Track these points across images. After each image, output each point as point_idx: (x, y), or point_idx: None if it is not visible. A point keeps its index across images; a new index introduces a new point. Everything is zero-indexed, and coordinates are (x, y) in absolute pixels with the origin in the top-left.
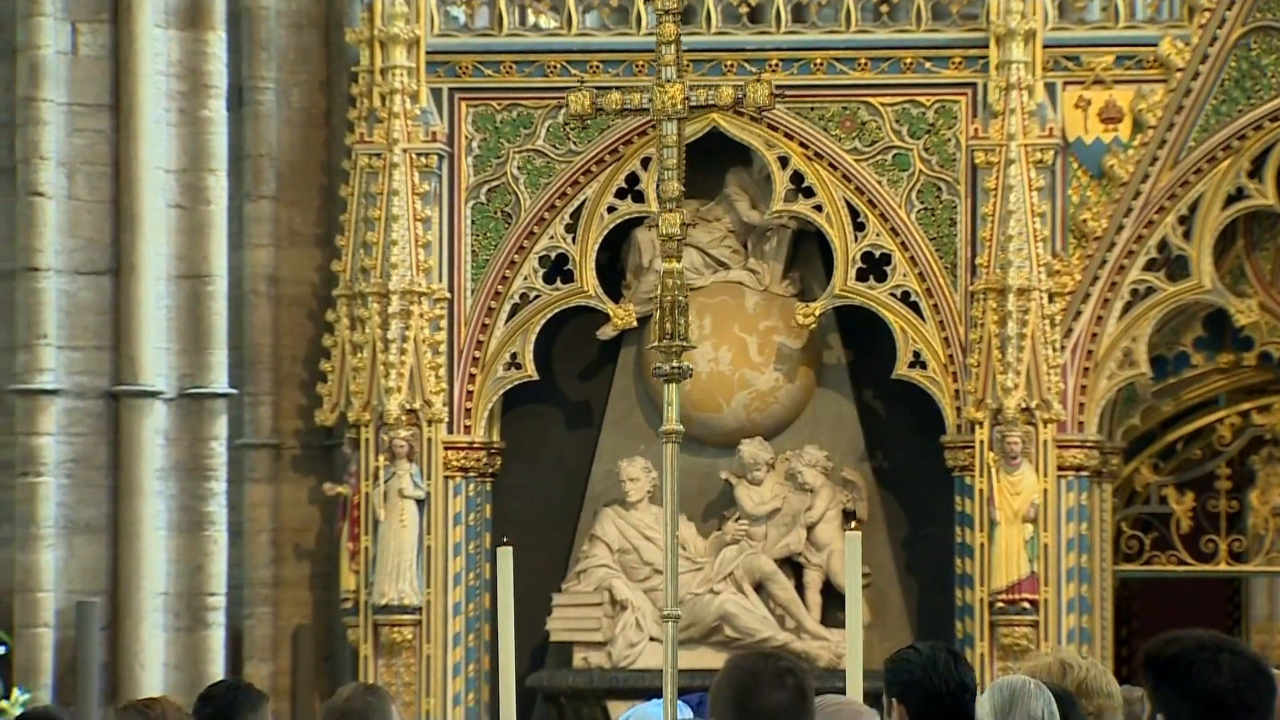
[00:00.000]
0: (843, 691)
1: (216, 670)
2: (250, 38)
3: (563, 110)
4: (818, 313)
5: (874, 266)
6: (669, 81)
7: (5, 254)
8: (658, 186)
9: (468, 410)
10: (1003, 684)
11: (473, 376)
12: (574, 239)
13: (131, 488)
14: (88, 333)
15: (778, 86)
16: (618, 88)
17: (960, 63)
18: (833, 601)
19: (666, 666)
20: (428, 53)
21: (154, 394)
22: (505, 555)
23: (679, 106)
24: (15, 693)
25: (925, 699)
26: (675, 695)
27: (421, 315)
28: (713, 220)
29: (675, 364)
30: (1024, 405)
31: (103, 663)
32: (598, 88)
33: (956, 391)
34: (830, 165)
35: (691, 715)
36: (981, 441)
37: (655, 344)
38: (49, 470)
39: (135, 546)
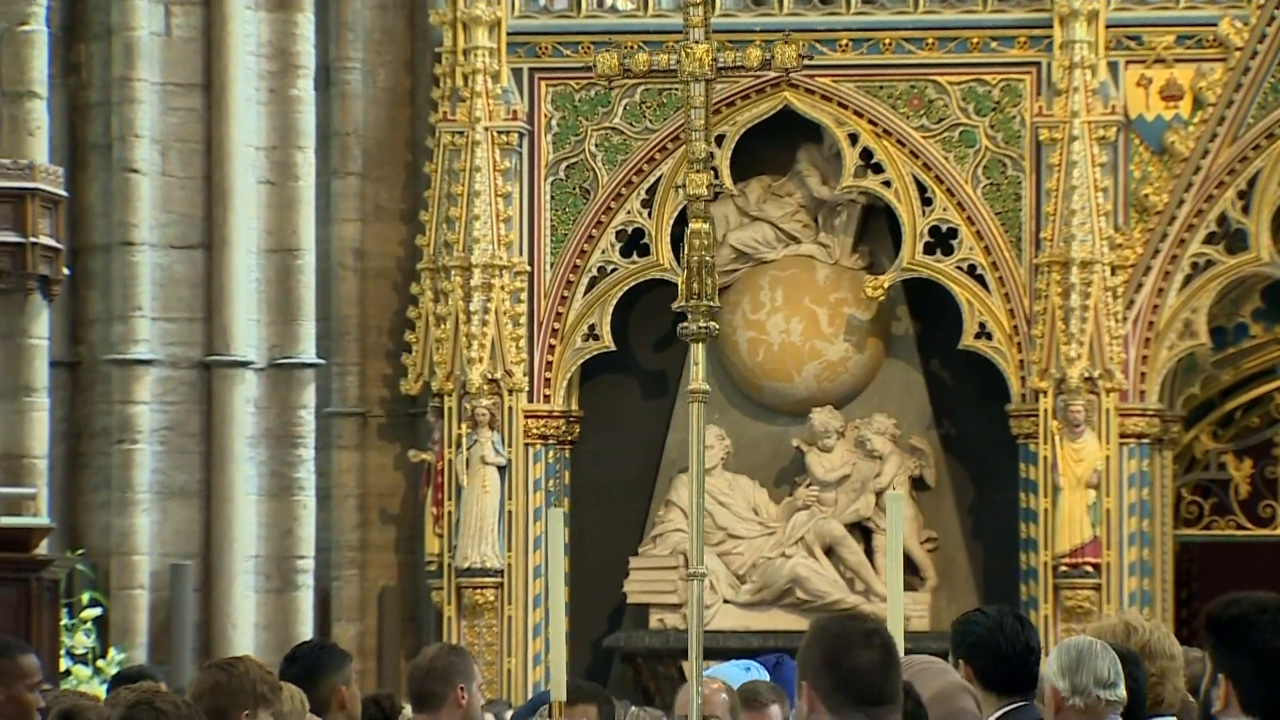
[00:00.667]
0: (931, 653)
1: (305, 630)
2: (337, 19)
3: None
4: (886, 285)
5: (941, 240)
6: (696, 43)
7: (102, 229)
8: (686, 148)
9: (547, 380)
10: (1070, 644)
11: (552, 347)
12: (650, 214)
13: (223, 454)
14: (181, 305)
15: (847, 66)
16: (645, 46)
17: (1025, 42)
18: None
19: (692, 626)
20: (509, 34)
21: (245, 364)
22: (556, 516)
23: (705, 68)
24: (111, 652)
25: (993, 660)
26: (700, 650)
27: (502, 288)
28: (784, 195)
29: (701, 324)
30: (1087, 375)
31: (196, 623)
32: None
33: (1021, 361)
34: (898, 142)
35: (768, 676)
36: (1045, 410)
37: (682, 304)
38: (144, 437)
39: (227, 511)
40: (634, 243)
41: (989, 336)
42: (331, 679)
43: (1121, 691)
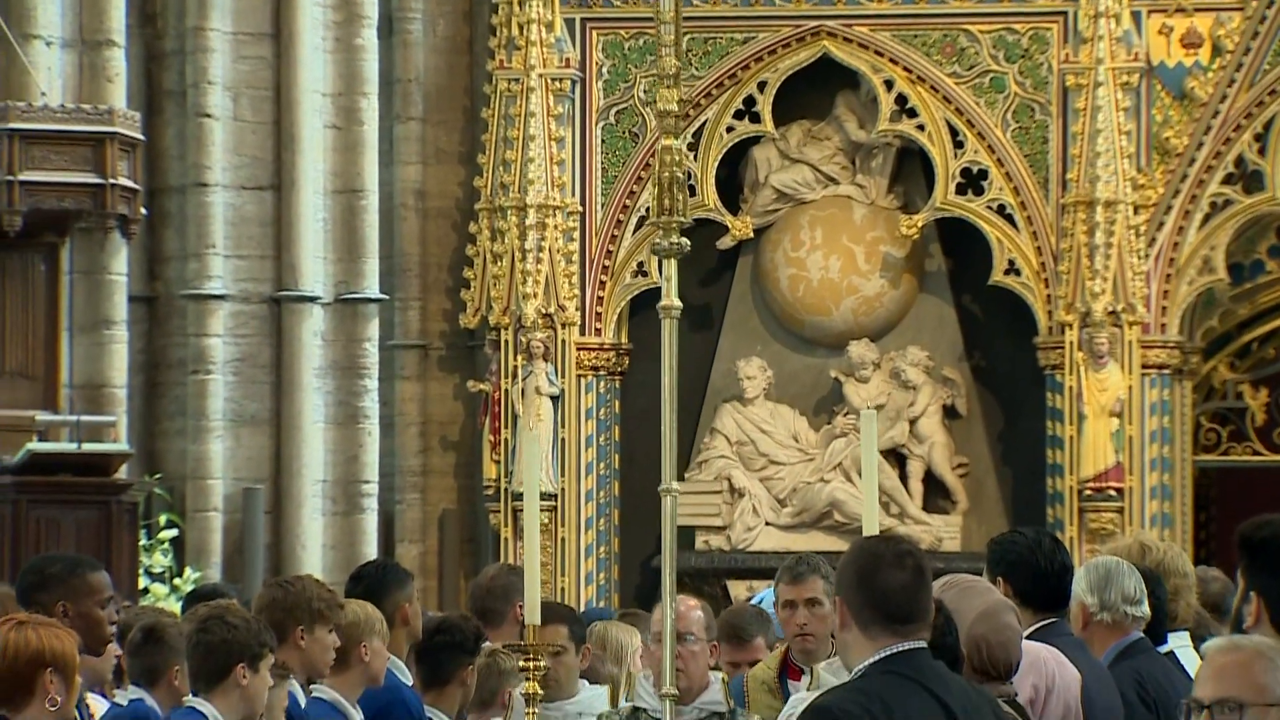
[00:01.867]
0: (970, 572)
1: (370, 550)
2: None
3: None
4: (920, 224)
5: (972, 181)
6: None
7: (177, 171)
8: (655, 63)
9: (598, 314)
10: (1098, 564)
11: (603, 283)
12: (695, 156)
13: (292, 384)
14: (252, 243)
15: (883, 15)
16: None
17: None
18: (934, 489)
19: (666, 539)
20: None
21: (312, 299)
22: (531, 440)
23: None
24: (187, 571)
25: (1030, 578)
26: (674, 562)
27: (556, 227)
28: (823, 139)
29: (673, 240)
30: (1110, 309)
31: (266, 544)
32: None
33: (1048, 296)
34: (932, 88)
35: None
36: (1071, 342)
37: (653, 220)
38: (217, 368)
39: (296, 438)
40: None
41: (1018, 273)
42: (394, 597)
43: (1146, 608)
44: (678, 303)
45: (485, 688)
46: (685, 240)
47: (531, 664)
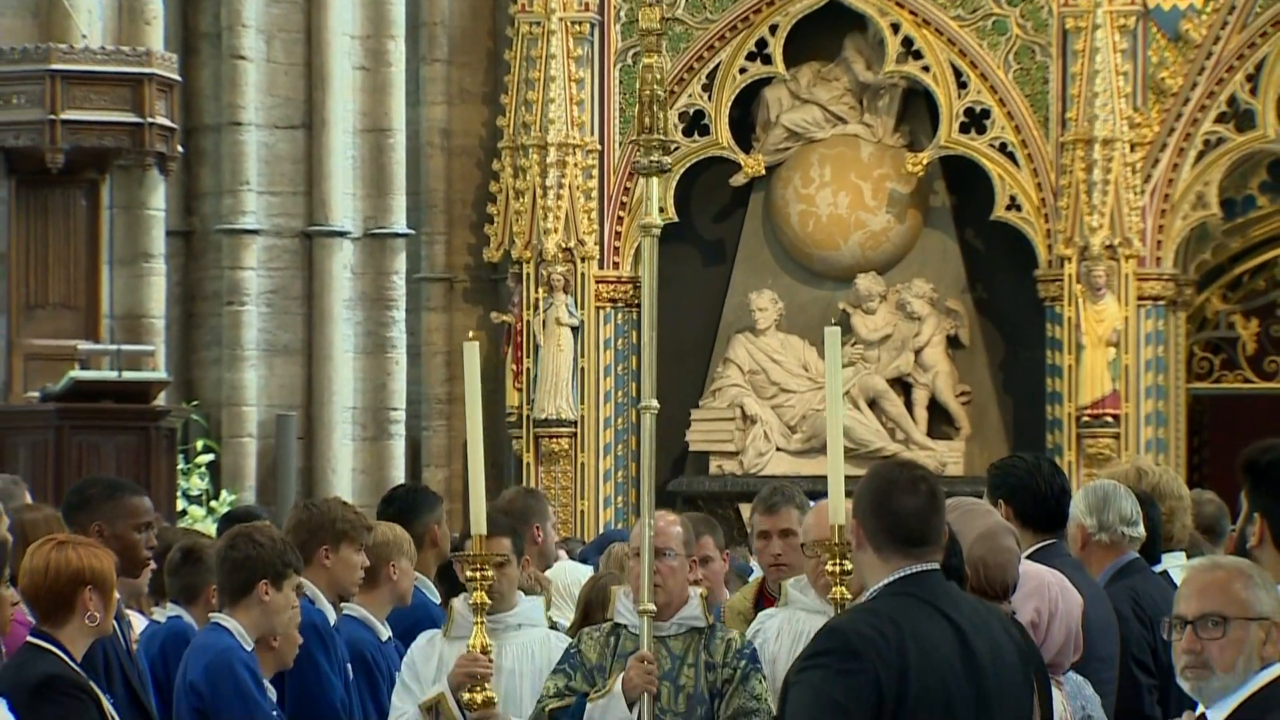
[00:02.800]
0: (972, 495)
1: (398, 474)
2: None
3: None
4: (925, 162)
5: (975, 120)
6: None
7: (212, 111)
8: None
9: (616, 248)
10: (1095, 487)
11: (620, 219)
12: (709, 97)
13: (323, 315)
14: (284, 180)
15: None
16: None
17: None
18: (938, 416)
19: (644, 455)
20: None
21: (342, 234)
22: (471, 350)
23: None
24: (223, 494)
25: (1030, 501)
26: (653, 477)
27: (575, 165)
28: (832, 80)
29: (653, 158)
30: (1108, 243)
31: (299, 468)
32: None
33: (1048, 231)
34: (936, 30)
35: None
36: (1070, 275)
37: (634, 138)
38: (251, 300)
39: (326, 367)
40: (695, 123)
41: (1018, 208)
42: (425, 518)
43: (1141, 529)
44: (658, 220)
45: None
46: (666, 158)
47: (478, 574)
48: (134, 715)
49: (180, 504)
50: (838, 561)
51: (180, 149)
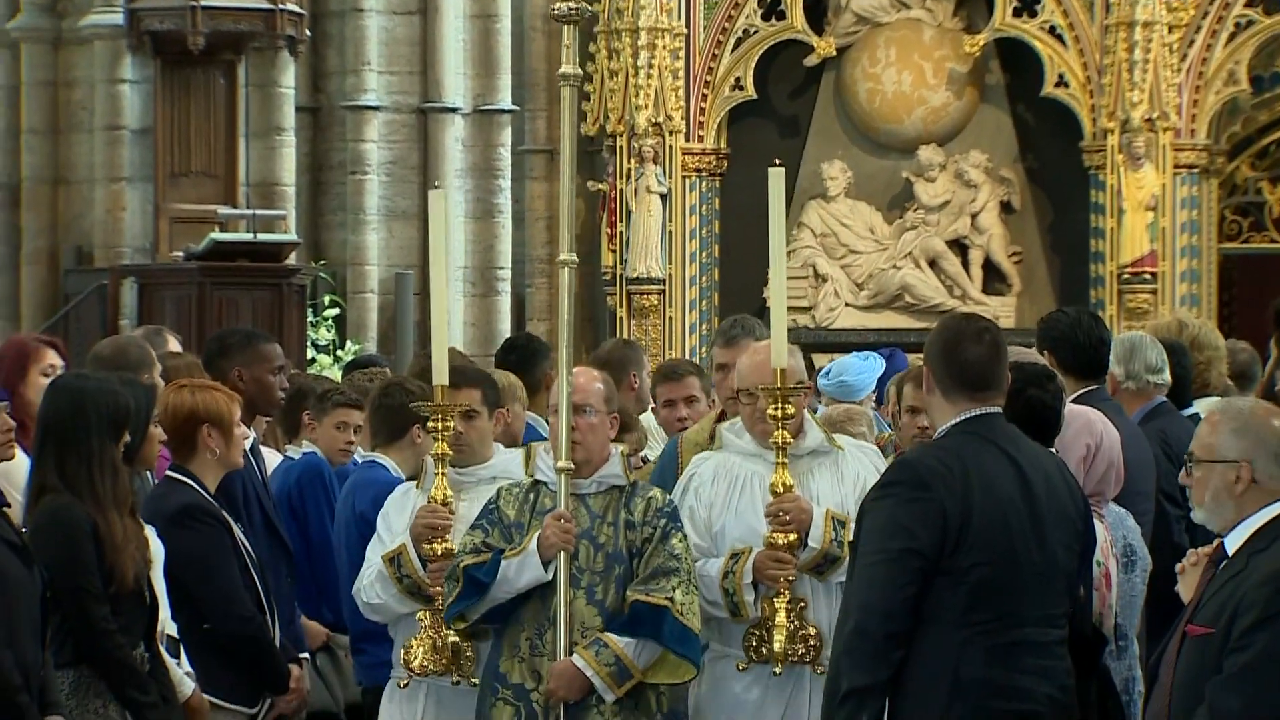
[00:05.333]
0: (1021, 345)
1: (505, 328)
2: None
3: None
4: (981, 43)
5: (1027, 5)
6: None
7: None
8: None
9: (700, 123)
10: (1125, 338)
11: (705, 96)
12: None
13: (437, 183)
14: (402, 60)
15: None
16: None
17: None
18: (992, 274)
19: (561, 310)
20: None
21: (454, 110)
22: (437, 198)
23: None
24: (348, 344)
25: (1072, 351)
26: (572, 332)
27: (664, 47)
28: None
29: (572, 5)
30: (1147, 116)
31: (415, 321)
32: None
33: (1092, 106)
34: None
35: (884, 365)
36: (1112, 146)
37: None
38: (372, 170)
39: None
40: (772, 9)
41: (1066, 85)
42: (542, 365)
43: (1166, 377)
44: (576, 70)
45: None
46: (584, 4)
47: (440, 424)
48: (269, 541)
49: (309, 353)
50: (779, 406)
51: (308, 33)
